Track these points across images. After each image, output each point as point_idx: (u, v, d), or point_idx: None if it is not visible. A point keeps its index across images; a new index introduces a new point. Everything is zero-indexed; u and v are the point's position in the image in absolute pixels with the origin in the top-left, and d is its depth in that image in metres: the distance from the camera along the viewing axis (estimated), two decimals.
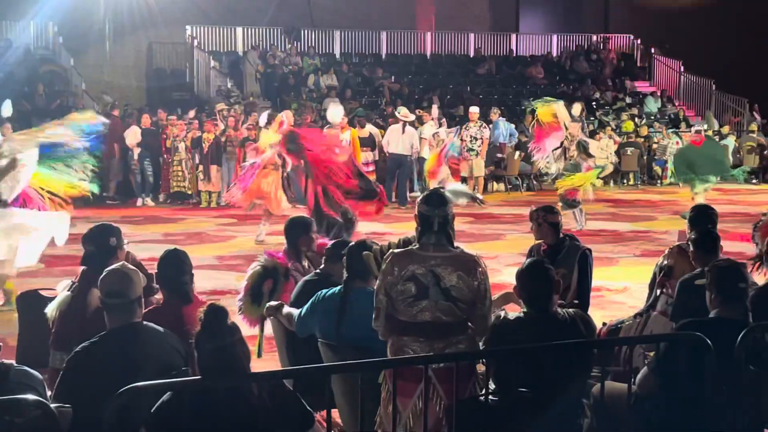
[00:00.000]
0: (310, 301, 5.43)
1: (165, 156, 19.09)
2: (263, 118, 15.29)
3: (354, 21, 28.71)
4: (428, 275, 4.60)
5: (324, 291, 5.42)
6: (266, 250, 6.38)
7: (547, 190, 21.33)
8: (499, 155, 21.38)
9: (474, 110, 19.94)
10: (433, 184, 17.09)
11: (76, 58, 24.70)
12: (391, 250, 4.86)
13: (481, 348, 4.72)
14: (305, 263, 6.65)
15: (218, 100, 22.68)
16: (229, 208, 18.22)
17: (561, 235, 6.70)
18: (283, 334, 5.90)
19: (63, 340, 5.29)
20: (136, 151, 18.84)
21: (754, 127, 24.97)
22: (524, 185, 21.96)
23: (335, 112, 16.83)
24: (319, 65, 26.86)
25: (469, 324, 4.70)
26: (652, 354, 5.06)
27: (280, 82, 25.52)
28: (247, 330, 5.43)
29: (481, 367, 4.70)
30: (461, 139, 19.80)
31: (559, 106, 14.39)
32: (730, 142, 24.22)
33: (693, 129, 18.72)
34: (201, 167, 18.56)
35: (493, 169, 21.30)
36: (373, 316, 4.73)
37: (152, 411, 3.69)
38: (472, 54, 29.99)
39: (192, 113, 20.14)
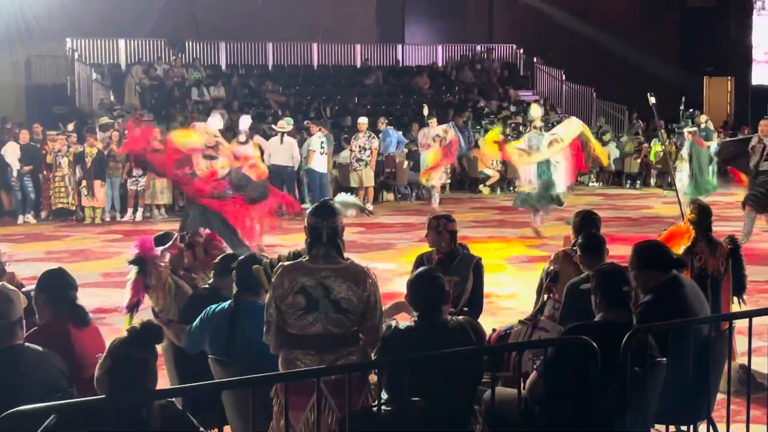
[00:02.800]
0: (200, 316, 5.35)
1: (45, 172, 18.55)
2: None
3: (240, 32, 28.47)
4: (318, 287, 4.59)
5: (213, 306, 5.36)
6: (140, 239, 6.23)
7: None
8: (388, 170, 21.48)
9: (362, 121, 20.02)
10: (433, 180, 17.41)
11: None
12: (281, 263, 4.84)
13: (373, 358, 4.72)
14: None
15: (101, 114, 22.21)
16: (114, 223, 17.93)
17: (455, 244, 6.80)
18: (171, 351, 5.79)
19: None
20: (16, 167, 18.28)
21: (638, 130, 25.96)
22: (413, 194, 22.12)
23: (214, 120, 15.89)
24: (205, 77, 26.58)
25: (360, 335, 4.70)
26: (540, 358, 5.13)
27: (165, 94, 25.16)
28: None
29: (373, 378, 4.70)
30: (351, 150, 19.89)
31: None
32: (612, 148, 24.90)
33: (686, 130, 16.73)
34: (85, 182, 18.12)
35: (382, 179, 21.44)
36: (264, 329, 4.69)
37: None
38: (359, 65, 30.12)
39: (71, 126, 19.64)
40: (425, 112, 19.16)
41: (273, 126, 19.43)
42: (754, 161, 13.35)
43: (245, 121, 14.07)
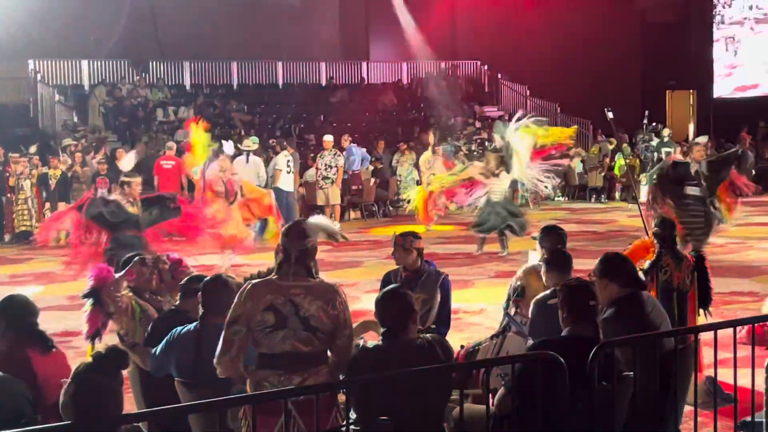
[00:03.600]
0: (165, 339, 5.30)
1: (8, 195, 18.35)
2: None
3: (203, 52, 28.39)
4: (287, 304, 4.57)
5: (179, 328, 5.31)
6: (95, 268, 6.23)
7: (403, 216, 21.56)
8: (355, 188, 21.46)
9: (328, 138, 20.01)
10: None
11: None
12: (249, 281, 4.81)
13: (341, 378, 4.70)
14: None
15: (64, 135, 22.05)
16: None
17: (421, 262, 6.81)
18: (137, 374, 5.74)
19: None
20: None
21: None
22: (380, 212, 22.12)
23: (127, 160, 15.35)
24: (169, 97, 26.46)
25: (330, 355, 4.67)
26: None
27: (129, 114, 25.02)
28: None
29: (342, 397, 4.68)
30: (316, 168, 19.87)
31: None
32: (577, 163, 25.04)
33: (664, 150, 16.04)
34: (48, 204, 17.95)
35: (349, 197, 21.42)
36: (222, 349, 4.61)
37: None
38: (324, 82, 30.14)
39: (33, 148, 19.47)
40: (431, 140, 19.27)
41: (239, 145, 19.36)
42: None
43: (229, 147, 14.22)
